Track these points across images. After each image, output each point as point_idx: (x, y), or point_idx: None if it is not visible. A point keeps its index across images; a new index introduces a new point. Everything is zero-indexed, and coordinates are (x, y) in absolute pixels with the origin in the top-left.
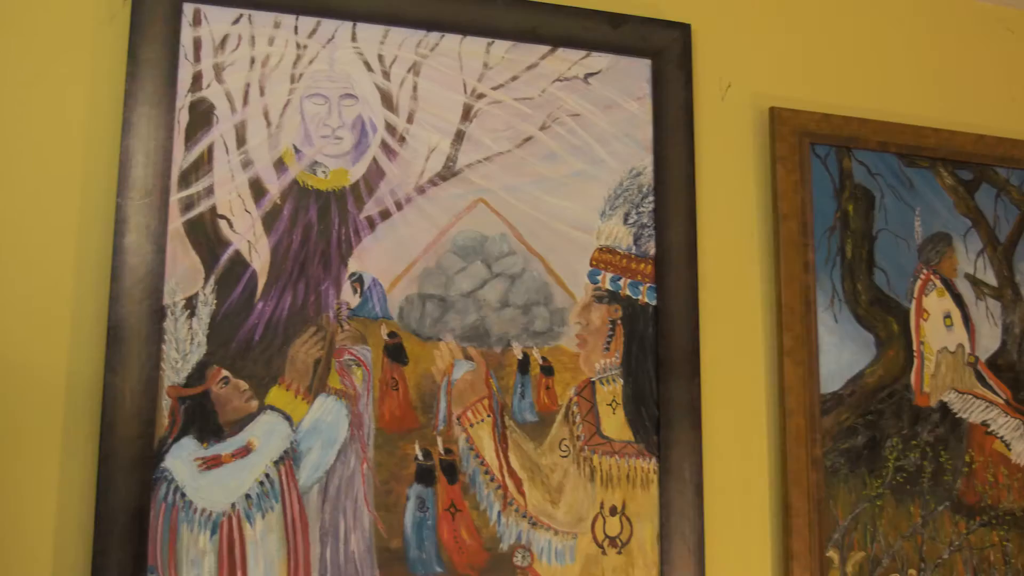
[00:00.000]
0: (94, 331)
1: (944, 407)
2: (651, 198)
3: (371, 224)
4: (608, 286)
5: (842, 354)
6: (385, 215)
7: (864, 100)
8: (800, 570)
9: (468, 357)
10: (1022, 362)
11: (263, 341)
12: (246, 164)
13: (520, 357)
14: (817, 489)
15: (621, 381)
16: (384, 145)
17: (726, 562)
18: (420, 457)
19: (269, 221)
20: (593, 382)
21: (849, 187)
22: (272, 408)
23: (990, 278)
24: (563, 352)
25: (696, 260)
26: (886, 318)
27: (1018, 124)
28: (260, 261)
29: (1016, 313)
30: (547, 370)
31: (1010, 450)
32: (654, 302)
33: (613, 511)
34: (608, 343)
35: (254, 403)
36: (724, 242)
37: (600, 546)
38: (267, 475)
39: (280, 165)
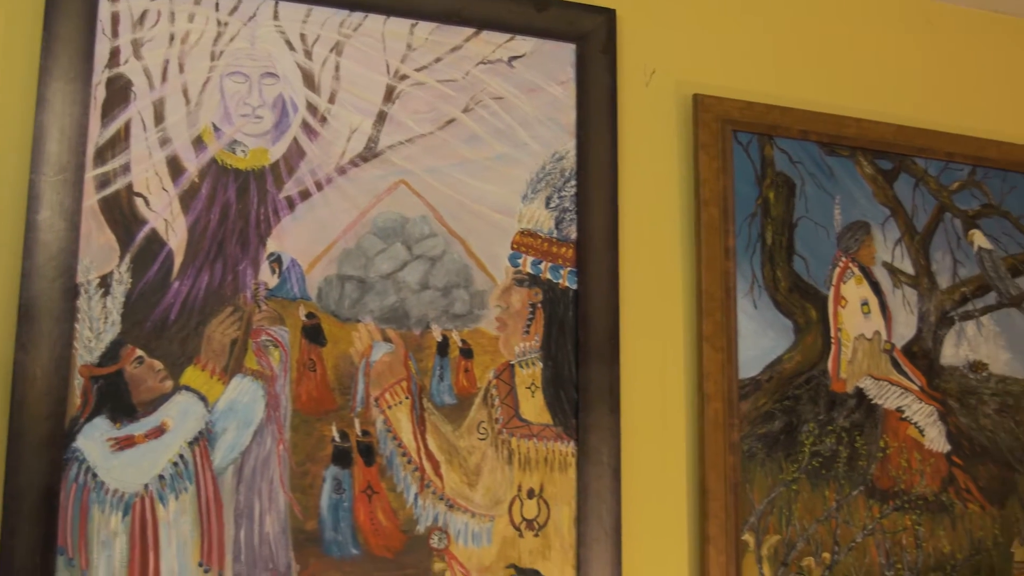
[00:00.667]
0: (5, 309)
1: (860, 393)
2: (573, 182)
3: (291, 204)
4: (529, 269)
5: (761, 340)
6: (305, 195)
7: (787, 89)
8: (716, 553)
9: (387, 339)
10: (937, 349)
11: (179, 321)
12: (164, 142)
13: (439, 339)
14: (734, 473)
15: (540, 364)
16: (305, 125)
17: (643, 545)
18: (337, 439)
19: (187, 200)
20: (512, 365)
21: (770, 174)
22: (187, 388)
23: (907, 266)
24: (483, 335)
25: (617, 245)
26: (805, 305)
27: (938, 116)
28: (177, 240)
29: (932, 301)
30: (466, 353)
31: (923, 436)
32: (575, 286)
33: (531, 494)
34: (528, 326)
35: (169, 383)
36: (645, 227)
37: (517, 528)
38: (181, 456)
39: (199, 143)
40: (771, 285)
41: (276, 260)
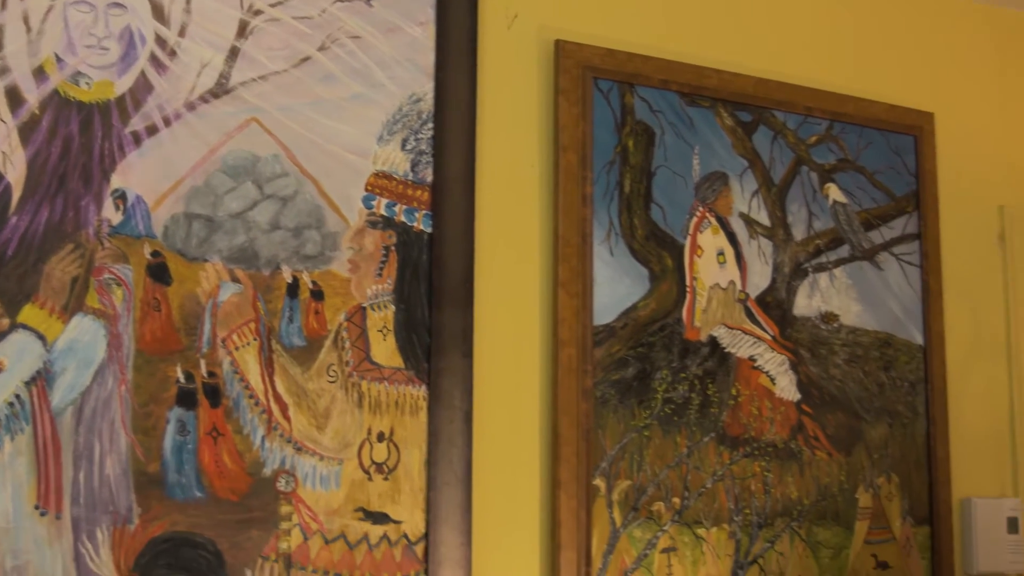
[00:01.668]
0: None
1: (713, 341)
2: (431, 125)
3: (137, 139)
4: (383, 212)
5: (616, 287)
6: (152, 131)
7: (649, 38)
8: (567, 498)
9: (235, 279)
10: (790, 300)
11: (16, 257)
12: (2, 71)
13: (290, 281)
14: (586, 419)
15: (393, 308)
16: (153, 58)
17: (494, 488)
18: (182, 380)
19: (26, 132)
20: (364, 308)
21: (630, 123)
22: (24, 327)
23: (763, 218)
24: (334, 277)
25: (474, 189)
26: (661, 253)
27: (797, 70)
28: (15, 174)
29: (786, 253)
30: (317, 295)
31: (775, 384)
32: (429, 229)
33: (381, 437)
34: (381, 269)
35: (5, 321)
36: (503, 172)
37: (366, 472)
38: (17, 396)
39: (40, 74)
40: (628, 233)
41: (120, 196)
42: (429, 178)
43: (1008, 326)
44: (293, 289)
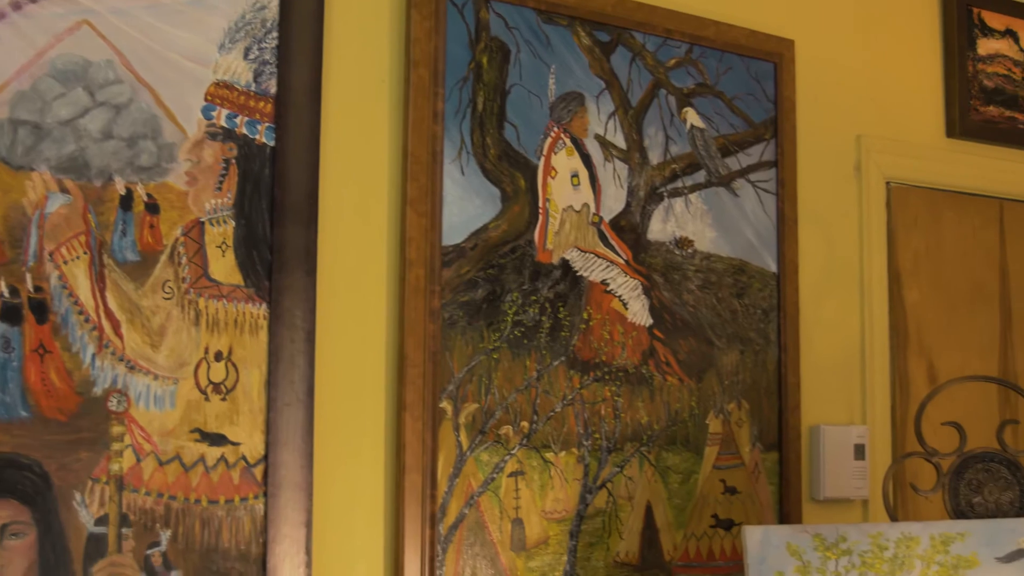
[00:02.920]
0: None
1: (566, 264)
2: (275, 34)
3: None
4: (223, 123)
5: (467, 207)
6: None
7: None
8: (412, 420)
9: (64, 190)
10: (644, 224)
11: None
12: None
13: (123, 193)
14: (433, 341)
15: (233, 223)
16: None
17: (337, 410)
18: (6, 294)
19: None
20: (202, 222)
21: (485, 39)
22: None
23: (619, 141)
24: (171, 189)
25: (320, 102)
26: (513, 173)
27: None
28: None
29: (642, 176)
30: (152, 208)
31: (627, 309)
32: (272, 143)
33: (218, 356)
34: (220, 183)
35: None
36: (352, 86)
37: (203, 392)
38: None
39: None
40: (480, 152)
41: None
42: (273, 90)
43: (861, 256)
44: (127, 201)
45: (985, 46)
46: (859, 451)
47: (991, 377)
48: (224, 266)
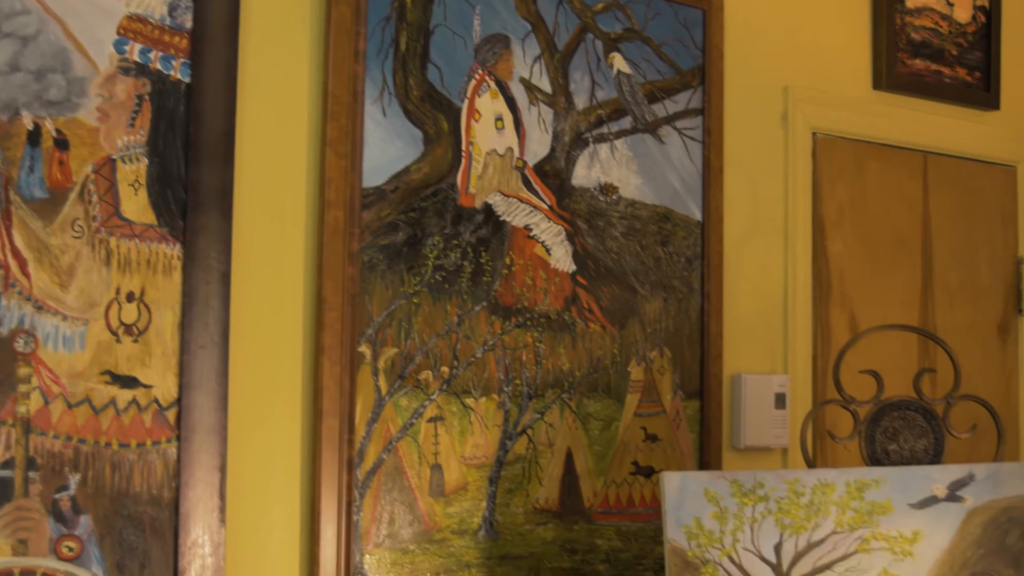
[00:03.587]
0: None
1: (488, 209)
2: None
3: None
4: (136, 58)
5: (388, 149)
6: None
7: None
8: (330, 364)
9: None
10: (569, 170)
11: None
12: None
13: (30, 127)
14: (352, 284)
15: (146, 161)
16: None
17: (253, 353)
18: None
19: None
20: (114, 160)
21: None
22: None
23: (545, 84)
24: (81, 125)
25: (237, 39)
26: (437, 116)
27: None
28: None
29: (567, 121)
30: (61, 144)
31: (550, 255)
32: (188, 79)
33: (130, 297)
34: (133, 119)
35: None
36: (270, 21)
37: (114, 333)
38: None
39: None
40: (402, 93)
41: None
42: (189, 24)
43: (786, 206)
44: (34, 137)
45: None
46: (780, 400)
47: (909, 326)
48: (137, 205)
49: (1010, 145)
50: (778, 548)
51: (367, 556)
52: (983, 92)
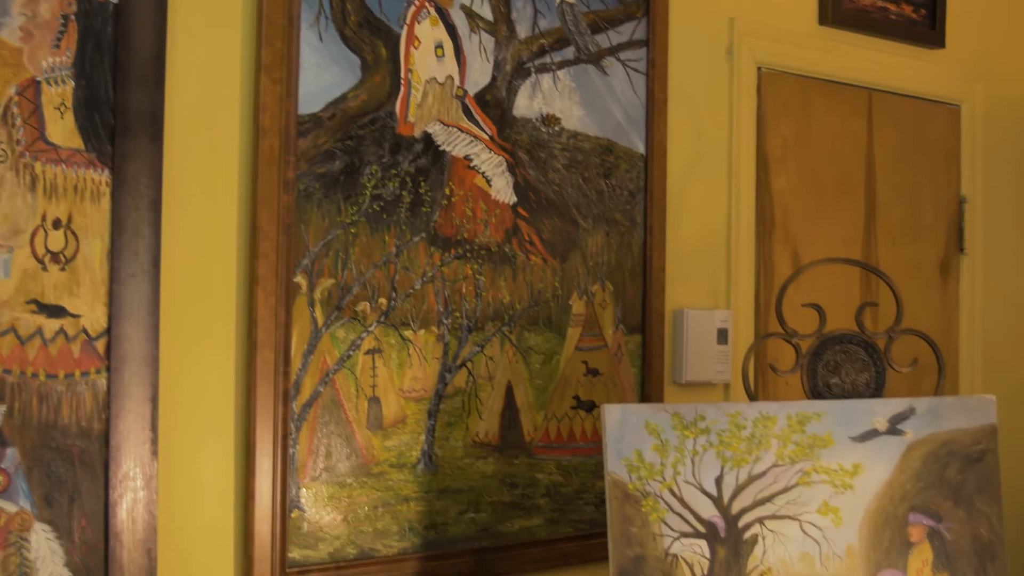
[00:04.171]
0: None
1: (428, 138)
2: None
3: None
4: None
5: (324, 75)
6: None
7: None
8: (265, 295)
9: None
10: (510, 100)
11: None
12: None
13: None
14: (288, 212)
15: (72, 83)
16: None
17: (185, 283)
18: None
19: None
20: (38, 82)
21: None
22: None
23: (486, 12)
24: (3, 45)
25: None
26: (375, 42)
27: None
28: None
29: (509, 50)
30: None
31: (490, 186)
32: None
33: (57, 224)
34: (59, 40)
35: None
36: None
37: (40, 261)
38: None
39: None
40: (339, 17)
41: None
42: None
43: (730, 141)
44: None
45: None
46: (722, 336)
47: (851, 260)
48: (63, 129)
49: (955, 84)
50: (719, 481)
51: (304, 490)
52: (928, 30)
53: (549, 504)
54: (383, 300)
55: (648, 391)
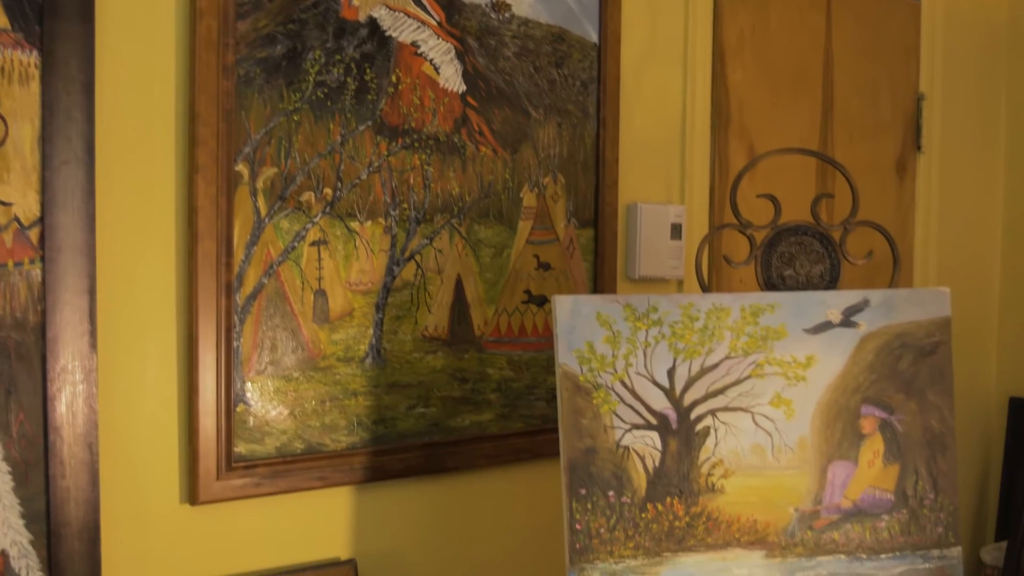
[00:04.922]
0: None
1: (373, 23)
2: None
3: None
4: None
5: None
6: None
7: None
8: (205, 184)
9: None
10: None
11: None
12: None
13: None
14: (227, 99)
15: None
16: None
17: (122, 170)
18: None
19: None
20: None
21: None
22: None
23: None
24: None
25: None
26: None
27: None
28: None
29: None
30: None
31: (439, 74)
32: None
33: None
34: None
35: None
36: None
37: None
38: None
39: None
40: None
41: None
42: None
43: (686, 30)
44: None
45: None
46: (676, 230)
47: (807, 150)
48: None
49: None
50: (671, 373)
51: (249, 383)
52: None
53: (500, 399)
54: (328, 190)
55: (600, 286)
